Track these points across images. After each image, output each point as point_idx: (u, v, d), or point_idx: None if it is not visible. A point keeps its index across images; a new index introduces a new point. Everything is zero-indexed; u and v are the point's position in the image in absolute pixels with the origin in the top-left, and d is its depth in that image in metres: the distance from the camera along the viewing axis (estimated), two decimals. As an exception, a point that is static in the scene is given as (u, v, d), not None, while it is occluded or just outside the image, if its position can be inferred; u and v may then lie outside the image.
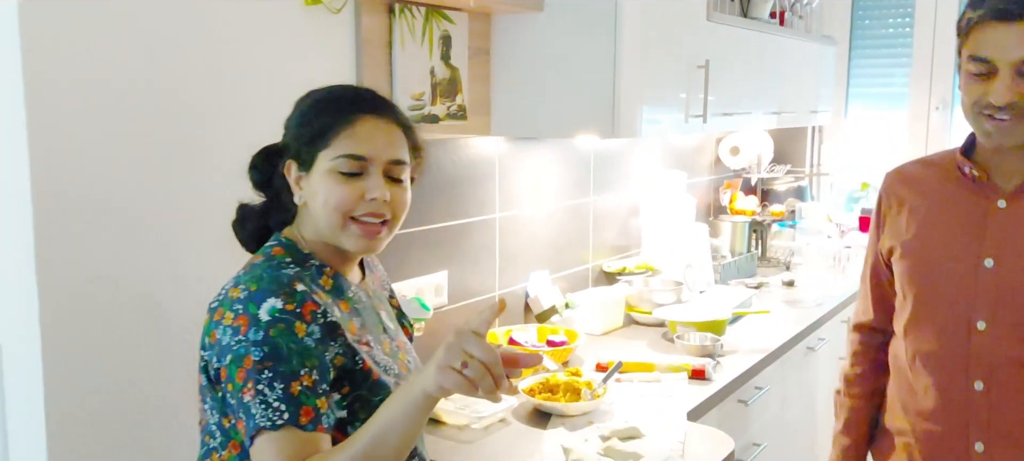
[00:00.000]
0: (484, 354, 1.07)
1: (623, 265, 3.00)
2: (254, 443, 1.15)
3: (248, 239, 1.39)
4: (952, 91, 3.92)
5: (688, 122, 2.56)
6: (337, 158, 1.26)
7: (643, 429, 1.90)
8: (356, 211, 1.28)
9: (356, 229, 1.29)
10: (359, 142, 1.27)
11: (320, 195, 1.27)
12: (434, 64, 2.17)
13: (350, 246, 1.30)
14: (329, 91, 1.35)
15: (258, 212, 1.39)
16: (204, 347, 1.24)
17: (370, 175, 1.28)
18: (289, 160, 1.31)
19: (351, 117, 1.28)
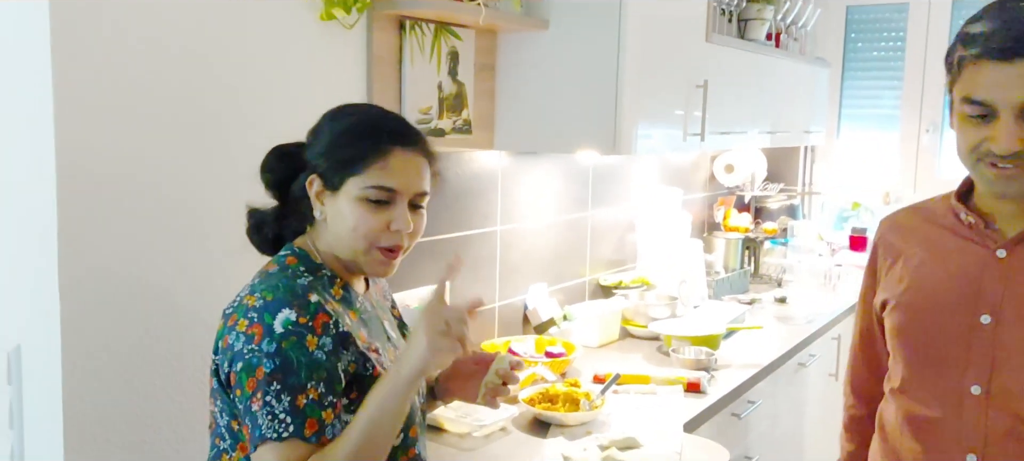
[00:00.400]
0: (454, 314, 1.21)
1: (619, 279, 3.06)
2: (258, 451, 1.21)
3: (264, 244, 1.43)
4: (942, 114, 4.00)
5: (686, 140, 2.62)
6: (369, 187, 1.30)
7: (640, 439, 1.95)
8: (380, 240, 1.33)
9: (378, 256, 1.34)
10: (391, 175, 1.31)
11: (347, 219, 1.31)
12: (441, 79, 2.22)
13: (369, 271, 1.36)
14: (364, 117, 1.38)
15: (273, 217, 1.42)
16: (216, 351, 1.28)
17: (396, 205, 1.32)
18: (313, 175, 1.35)
19: (386, 149, 1.31)
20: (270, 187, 1.40)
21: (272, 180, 1.40)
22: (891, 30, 4.15)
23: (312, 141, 1.38)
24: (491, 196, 2.52)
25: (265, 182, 1.40)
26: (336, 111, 1.39)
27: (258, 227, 1.42)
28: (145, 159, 1.62)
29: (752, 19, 3.06)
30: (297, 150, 1.39)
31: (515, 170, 2.60)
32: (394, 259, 1.35)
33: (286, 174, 1.39)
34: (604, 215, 3.10)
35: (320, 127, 1.38)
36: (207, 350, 1.32)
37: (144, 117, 1.61)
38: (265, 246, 1.42)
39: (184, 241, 1.70)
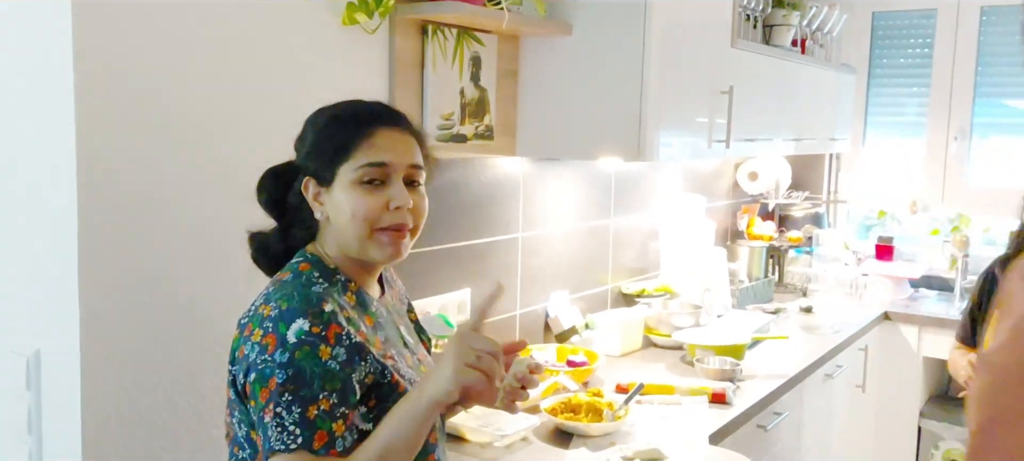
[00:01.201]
0: (489, 346, 1.17)
1: (642, 287, 3.02)
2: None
3: (271, 264, 1.40)
4: (970, 121, 3.94)
5: (711, 147, 2.58)
6: (359, 168, 1.29)
7: (665, 451, 1.92)
8: (381, 221, 1.30)
9: (382, 238, 1.31)
10: (379, 151, 1.30)
11: (345, 208, 1.30)
12: (464, 85, 2.20)
13: (377, 256, 1.33)
14: (343, 107, 1.38)
15: (277, 236, 1.40)
16: (233, 362, 1.27)
17: (392, 183, 1.31)
18: (307, 178, 1.33)
19: (369, 129, 1.31)
20: (266, 206, 1.39)
21: (268, 198, 1.39)
22: (918, 36, 4.09)
23: (299, 147, 1.37)
24: (512, 202, 2.49)
25: (261, 202, 1.39)
26: (316, 112, 1.39)
27: (263, 250, 1.41)
28: (166, 165, 1.61)
29: (778, 25, 3.02)
30: (287, 165, 1.38)
31: (537, 176, 2.57)
32: (401, 239, 1.32)
33: (280, 189, 1.38)
34: (626, 222, 3.06)
35: (304, 132, 1.38)
36: (226, 359, 1.30)
37: (165, 123, 1.60)
38: (272, 267, 1.40)
39: (205, 249, 1.69)
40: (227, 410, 1.31)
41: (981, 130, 3.96)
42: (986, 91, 3.94)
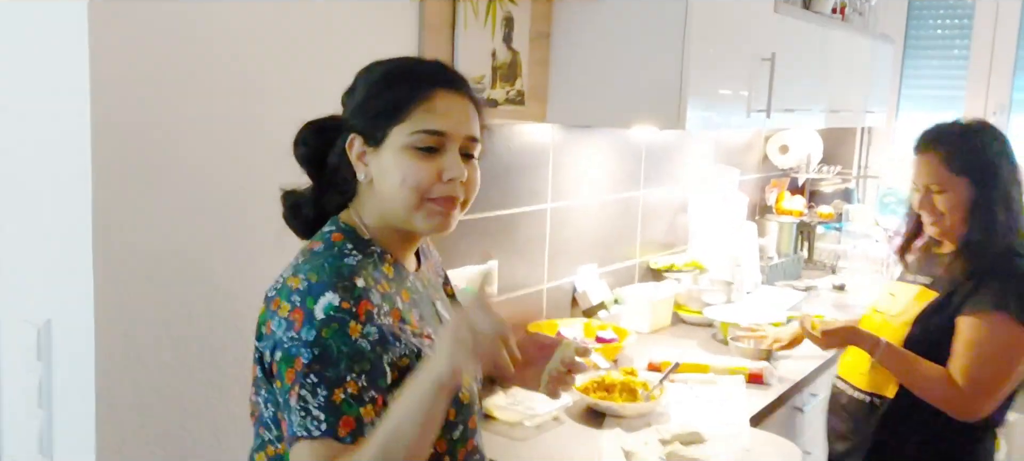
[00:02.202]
0: (489, 325, 1.03)
1: (671, 262, 2.92)
2: (293, 449, 1.10)
3: (304, 227, 1.30)
4: (1010, 95, 3.80)
5: (750, 116, 2.47)
6: (415, 133, 1.18)
7: (704, 433, 1.83)
8: (432, 191, 1.20)
9: (432, 208, 1.21)
10: (438, 117, 1.19)
11: (394, 173, 1.19)
12: (496, 47, 2.09)
13: (423, 227, 1.23)
14: (400, 62, 1.27)
15: (311, 197, 1.30)
16: (260, 337, 1.17)
17: (447, 152, 1.20)
18: (354, 135, 1.23)
19: (428, 91, 1.20)
20: (304, 162, 1.28)
21: (306, 154, 1.27)
22: (957, 7, 3.94)
23: (347, 101, 1.26)
24: (542, 172, 2.38)
25: (298, 157, 1.28)
26: (369, 66, 1.27)
27: (295, 209, 1.30)
28: (184, 131, 1.51)
29: (818, -10, 2.89)
30: (330, 120, 1.27)
31: (566, 145, 2.47)
32: (452, 211, 1.22)
33: (320, 146, 1.26)
34: (656, 195, 2.95)
35: (354, 85, 1.27)
36: (249, 333, 1.21)
37: (186, 83, 1.49)
38: (305, 229, 1.30)
39: (226, 217, 1.59)
40: (253, 388, 1.22)
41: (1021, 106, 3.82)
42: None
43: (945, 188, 1.89)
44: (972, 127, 1.95)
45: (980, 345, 1.81)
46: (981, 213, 1.87)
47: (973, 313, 1.83)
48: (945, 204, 1.90)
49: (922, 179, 1.92)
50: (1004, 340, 1.81)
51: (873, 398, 1.98)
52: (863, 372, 2.00)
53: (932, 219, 1.93)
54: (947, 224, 1.91)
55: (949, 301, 1.88)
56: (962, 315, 1.85)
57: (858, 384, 2.01)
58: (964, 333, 1.84)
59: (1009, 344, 1.82)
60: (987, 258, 1.86)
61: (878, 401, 1.97)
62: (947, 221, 1.91)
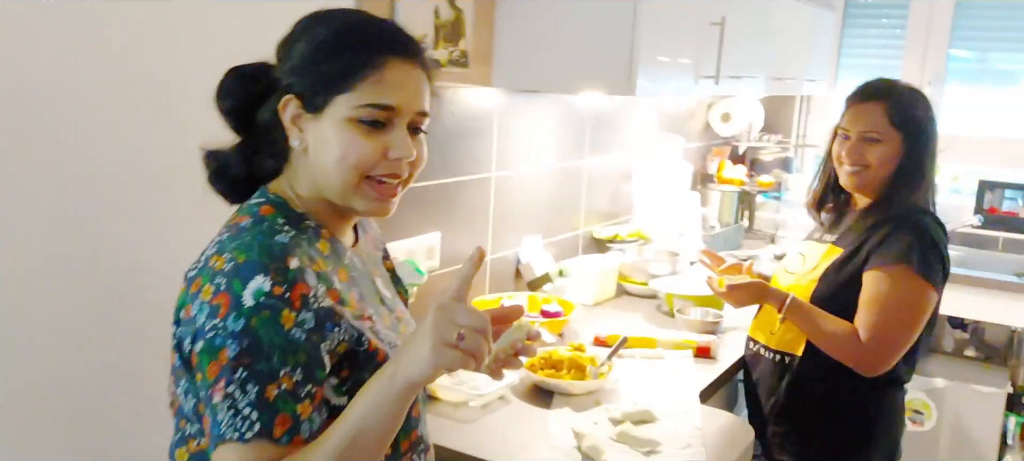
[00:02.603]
0: (475, 321, 0.94)
1: (615, 232, 2.85)
2: (217, 451, 0.97)
3: (233, 190, 1.17)
4: (945, 65, 3.83)
5: (698, 83, 2.40)
6: (362, 106, 1.06)
7: (656, 412, 1.77)
8: (375, 169, 1.09)
9: (371, 190, 1.10)
10: (388, 90, 1.07)
11: (334, 148, 1.07)
12: (438, 3, 1.96)
13: (360, 207, 1.11)
14: (353, 21, 1.13)
15: (239, 156, 1.16)
16: (178, 322, 1.05)
17: (394, 128, 1.09)
18: (289, 97, 1.10)
19: (381, 59, 1.07)
20: (229, 116, 1.14)
21: (232, 106, 1.13)
22: (895, -24, 3.96)
23: (284, 55, 1.12)
24: (486, 139, 2.28)
25: (222, 110, 1.14)
26: (314, 17, 1.13)
27: (221, 171, 1.16)
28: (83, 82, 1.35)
29: (765, -45, 2.83)
30: (261, 70, 1.13)
31: (511, 111, 2.36)
32: (393, 195, 1.12)
33: (248, 99, 1.12)
34: (600, 163, 2.88)
35: (293, 36, 1.12)
36: (168, 313, 1.08)
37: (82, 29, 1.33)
38: (234, 193, 1.17)
39: (138, 183, 1.44)
40: (172, 377, 1.10)
41: (956, 75, 3.87)
42: (962, 35, 3.83)
43: (882, 139, 1.90)
44: (912, 88, 1.98)
45: (883, 298, 1.84)
46: (908, 171, 1.91)
47: (877, 267, 1.86)
48: (876, 156, 1.91)
49: (859, 127, 1.92)
50: (906, 293, 1.84)
51: (783, 356, 2.00)
52: (773, 331, 2.01)
53: (857, 168, 1.92)
54: (870, 176, 1.92)
55: (854, 256, 1.90)
56: (867, 270, 1.87)
57: (768, 343, 2.04)
58: (868, 288, 1.86)
59: (911, 297, 1.84)
60: (895, 215, 1.89)
61: (788, 359, 1.99)
62: (872, 173, 1.92)
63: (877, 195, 1.95)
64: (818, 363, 1.93)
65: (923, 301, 1.86)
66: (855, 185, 1.96)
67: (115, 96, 1.39)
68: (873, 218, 1.93)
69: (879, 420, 1.98)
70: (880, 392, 1.96)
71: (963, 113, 3.86)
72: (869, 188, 1.95)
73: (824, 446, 1.99)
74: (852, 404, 1.96)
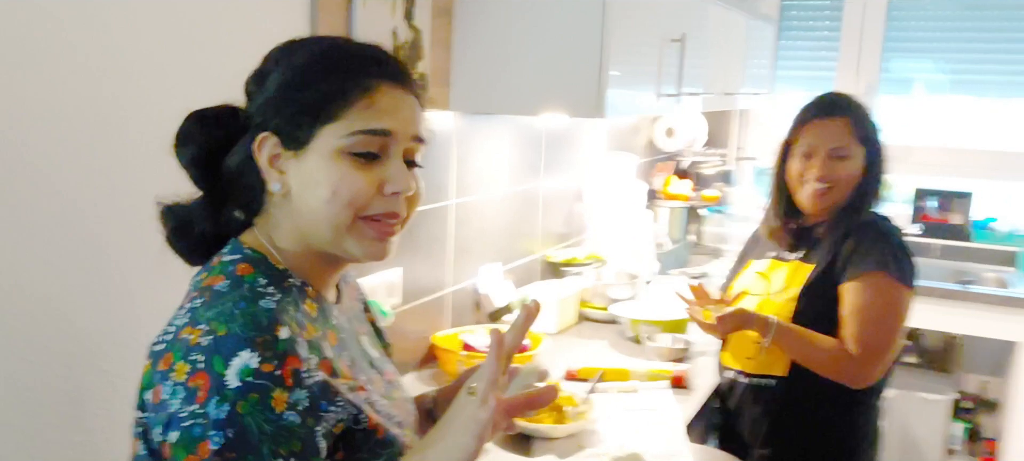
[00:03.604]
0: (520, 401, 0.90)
1: (571, 256, 2.76)
2: None
3: (196, 250, 1.02)
4: (879, 75, 3.89)
5: (659, 101, 2.33)
6: (353, 134, 0.94)
7: (644, 456, 1.67)
8: (370, 207, 0.96)
9: (369, 230, 0.97)
10: (381, 114, 0.95)
11: (322, 186, 0.94)
12: (397, 24, 1.83)
13: (355, 251, 0.98)
14: (333, 45, 1.01)
15: (204, 210, 1.01)
16: (144, 406, 0.90)
17: (390, 158, 0.96)
18: (264, 134, 0.96)
19: (369, 82, 0.96)
20: (191, 166, 0.99)
21: (195, 155, 0.99)
22: (828, -12, 4.00)
23: (255, 89, 0.99)
24: (445, 165, 2.15)
25: (183, 160, 1.00)
26: (289, 45, 1.01)
27: (182, 229, 1.01)
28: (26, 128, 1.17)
29: (714, -31, 2.79)
30: (226, 112, 1.00)
31: (469, 134, 2.24)
32: (390, 235, 0.99)
33: (213, 145, 0.99)
34: (554, 185, 2.78)
35: (265, 68, 1.00)
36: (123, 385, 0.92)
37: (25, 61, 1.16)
38: (198, 253, 1.02)
39: (85, 242, 1.27)
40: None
41: (889, 86, 3.93)
42: (894, 47, 3.90)
43: (850, 155, 1.89)
44: (862, 101, 1.98)
45: (866, 309, 1.82)
46: (868, 184, 1.91)
47: (855, 278, 1.84)
48: (846, 171, 1.89)
49: (828, 142, 1.89)
50: (887, 300, 1.84)
51: (764, 381, 1.95)
52: (750, 356, 1.96)
53: (825, 186, 1.89)
54: (838, 194, 1.90)
55: (830, 271, 1.88)
56: (844, 282, 1.85)
57: (746, 369, 1.99)
58: (849, 300, 1.84)
59: (892, 303, 1.84)
60: (861, 224, 1.89)
61: (772, 382, 1.94)
62: (840, 190, 1.90)
63: (838, 207, 1.92)
64: (801, 383, 1.89)
65: (904, 306, 1.86)
66: (821, 204, 1.92)
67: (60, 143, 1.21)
68: (840, 230, 1.90)
69: (865, 433, 1.96)
70: (864, 405, 1.94)
71: (896, 122, 3.93)
72: (834, 205, 1.92)
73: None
74: (838, 420, 1.92)
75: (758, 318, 1.89)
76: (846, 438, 1.94)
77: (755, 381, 1.97)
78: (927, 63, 3.91)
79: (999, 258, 3.64)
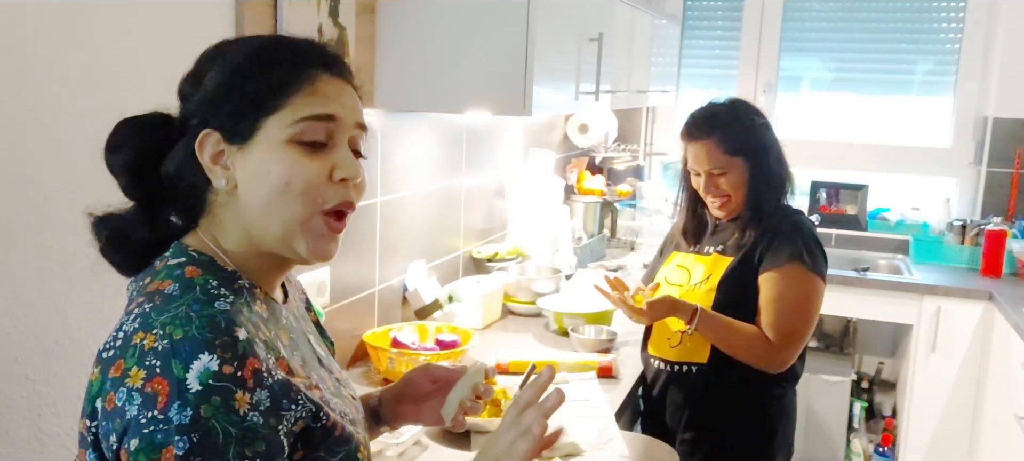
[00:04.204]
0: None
1: (495, 251, 2.78)
2: None
3: (132, 261, 0.98)
4: (777, 74, 4.07)
5: (578, 99, 2.37)
6: (300, 121, 0.93)
7: (581, 444, 1.71)
8: (325, 200, 0.95)
9: (322, 225, 0.96)
10: (325, 101, 0.95)
11: (273, 176, 0.93)
12: (322, 21, 1.81)
13: (304, 251, 0.96)
14: (267, 41, 1.01)
15: (140, 218, 0.98)
16: (94, 415, 0.87)
17: (337, 146, 0.96)
18: (206, 132, 0.94)
19: (310, 72, 0.95)
20: (125, 172, 0.96)
21: (129, 160, 0.96)
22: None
23: (190, 90, 0.97)
24: (370, 162, 2.13)
25: (117, 165, 0.96)
26: (222, 45, 1.00)
27: (119, 238, 0.97)
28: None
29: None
30: (158, 118, 0.98)
31: (393, 132, 2.23)
32: (341, 230, 0.98)
33: (148, 151, 0.96)
34: (476, 181, 2.80)
35: (200, 69, 0.98)
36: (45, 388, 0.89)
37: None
38: (132, 265, 0.98)
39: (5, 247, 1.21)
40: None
41: (787, 84, 4.11)
42: (790, 47, 4.08)
43: (726, 170, 1.99)
44: (734, 107, 2.06)
45: (781, 298, 1.93)
46: (760, 184, 2.00)
47: (771, 269, 1.95)
48: (728, 184, 2.00)
49: (703, 165, 2.01)
50: (802, 290, 1.94)
51: (687, 367, 2.03)
52: (673, 345, 2.05)
53: (719, 201, 2.01)
54: (735, 202, 2.01)
55: (747, 262, 1.98)
56: (762, 273, 1.95)
57: (669, 357, 2.07)
58: (766, 290, 1.95)
59: (806, 293, 1.95)
60: (770, 217, 1.99)
61: (692, 369, 2.02)
62: (733, 200, 2.01)
63: (744, 209, 2.02)
64: (723, 369, 1.98)
65: (818, 294, 1.97)
66: (725, 213, 2.04)
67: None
68: (754, 224, 2.00)
69: (782, 417, 2.06)
70: (781, 390, 2.04)
71: (793, 119, 4.11)
72: (737, 209, 2.03)
73: (733, 449, 2.03)
74: (758, 404, 2.02)
75: (684, 305, 1.96)
76: (764, 421, 2.04)
77: (678, 367, 2.04)
78: (820, 62, 4.12)
79: (891, 246, 3.87)
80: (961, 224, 3.65)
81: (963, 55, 3.81)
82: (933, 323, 3.31)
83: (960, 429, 3.32)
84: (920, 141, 3.96)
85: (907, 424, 3.42)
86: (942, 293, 3.31)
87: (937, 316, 3.30)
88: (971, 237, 3.61)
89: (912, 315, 3.37)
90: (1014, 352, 2.83)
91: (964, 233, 3.63)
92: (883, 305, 3.42)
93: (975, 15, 3.77)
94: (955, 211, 3.84)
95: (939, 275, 3.48)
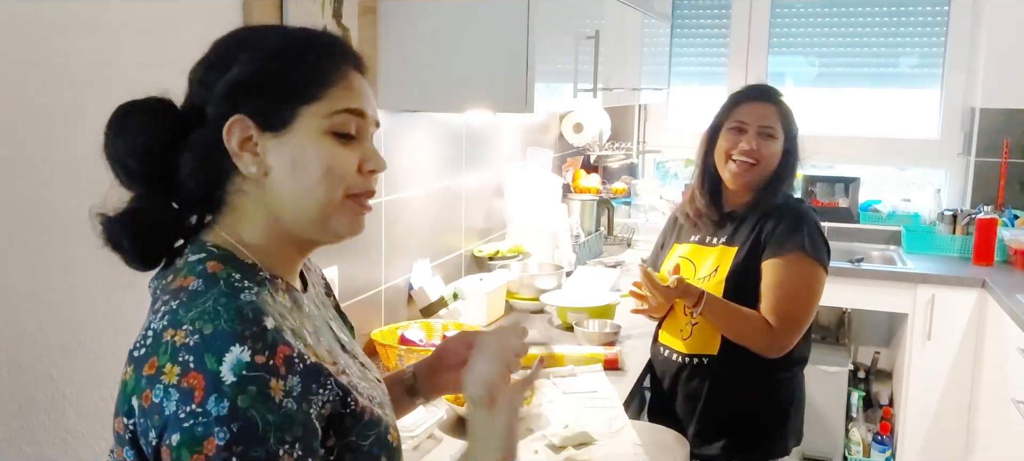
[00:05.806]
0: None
1: (496, 249, 2.80)
2: None
3: (148, 256, 0.99)
4: (766, 71, 4.11)
5: (576, 96, 2.40)
6: (337, 114, 0.96)
7: (592, 433, 1.73)
8: (355, 187, 0.99)
9: (353, 207, 1.00)
10: (357, 96, 0.99)
11: (314, 163, 0.94)
12: (326, 22, 1.83)
13: (342, 230, 1.00)
14: (301, 32, 1.02)
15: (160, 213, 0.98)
16: (129, 412, 0.88)
17: (365, 140, 1.01)
18: (236, 118, 0.94)
19: (344, 66, 0.99)
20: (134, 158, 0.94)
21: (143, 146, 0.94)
22: (717, -13, 4.20)
23: (211, 78, 0.96)
24: (374, 163, 2.15)
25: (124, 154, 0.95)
26: (245, 33, 1.02)
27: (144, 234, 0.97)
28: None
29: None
30: (166, 105, 0.97)
31: (396, 132, 2.25)
32: (370, 208, 1.03)
33: (158, 138, 0.94)
34: (476, 180, 2.82)
35: (226, 57, 0.97)
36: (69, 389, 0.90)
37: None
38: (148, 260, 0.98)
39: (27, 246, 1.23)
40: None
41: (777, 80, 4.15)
42: (778, 42, 4.13)
43: (776, 135, 2.05)
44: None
45: (784, 284, 1.97)
46: (784, 168, 2.06)
47: (774, 256, 1.98)
48: (767, 150, 2.03)
49: (758, 120, 2.04)
50: (804, 278, 1.98)
51: (699, 359, 2.06)
52: (685, 336, 2.08)
53: (751, 161, 2.02)
54: (759, 172, 2.03)
55: (754, 252, 2.02)
56: (764, 260, 1.99)
57: (680, 349, 2.10)
58: (769, 276, 1.99)
59: (808, 281, 1.99)
60: (778, 205, 2.04)
61: (704, 360, 2.05)
62: (762, 168, 2.03)
63: (754, 191, 2.05)
64: (734, 359, 2.01)
65: (819, 281, 2.01)
66: (744, 181, 2.05)
67: None
68: (759, 212, 2.04)
69: (793, 401, 2.10)
70: (791, 375, 2.08)
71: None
72: (753, 184, 2.05)
73: (746, 435, 2.06)
74: (770, 391, 2.06)
75: (694, 288, 2.00)
76: (776, 407, 2.07)
77: (691, 359, 2.07)
78: (808, 58, 4.16)
79: (884, 237, 3.92)
80: (952, 214, 3.70)
81: (949, 47, 3.87)
82: (928, 311, 3.35)
83: (957, 415, 3.36)
84: (909, 133, 4.01)
85: (904, 412, 3.46)
86: (936, 282, 3.36)
87: (932, 304, 3.34)
88: (962, 226, 3.66)
89: (907, 304, 3.41)
90: (1009, 337, 2.88)
91: (955, 222, 3.68)
92: (878, 295, 3.46)
93: (960, 7, 3.83)
94: (945, 201, 3.89)
95: (932, 264, 3.52)
